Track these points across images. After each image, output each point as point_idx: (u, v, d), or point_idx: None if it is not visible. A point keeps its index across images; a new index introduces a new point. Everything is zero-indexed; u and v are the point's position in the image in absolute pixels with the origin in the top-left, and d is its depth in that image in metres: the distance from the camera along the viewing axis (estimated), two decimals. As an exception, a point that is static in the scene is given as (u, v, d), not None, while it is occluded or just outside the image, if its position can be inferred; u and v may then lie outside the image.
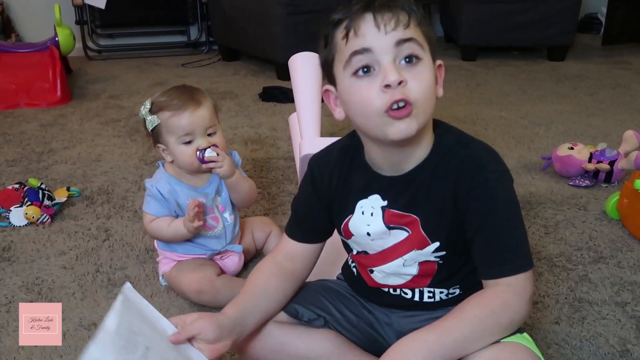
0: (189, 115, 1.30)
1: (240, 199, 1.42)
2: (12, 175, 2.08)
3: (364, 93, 0.85)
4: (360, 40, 0.84)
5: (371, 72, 0.84)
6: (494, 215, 0.88)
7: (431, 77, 0.86)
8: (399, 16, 0.83)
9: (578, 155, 1.98)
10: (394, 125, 0.84)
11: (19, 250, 1.60)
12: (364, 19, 0.84)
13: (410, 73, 0.83)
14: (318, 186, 1.01)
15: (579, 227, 1.69)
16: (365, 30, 0.83)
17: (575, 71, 3.55)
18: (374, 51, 0.83)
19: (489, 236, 0.88)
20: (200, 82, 3.35)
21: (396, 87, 0.82)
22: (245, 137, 2.42)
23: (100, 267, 1.52)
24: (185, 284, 1.34)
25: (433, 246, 0.94)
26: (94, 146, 2.38)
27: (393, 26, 0.83)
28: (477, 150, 0.92)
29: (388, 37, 0.83)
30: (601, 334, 1.24)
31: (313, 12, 3.29)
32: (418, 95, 0.84)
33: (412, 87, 0.83)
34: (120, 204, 1.86)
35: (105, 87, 3.29)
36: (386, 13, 0.83)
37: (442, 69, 0.92)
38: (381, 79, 0.83)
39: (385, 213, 0.95)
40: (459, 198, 0.89)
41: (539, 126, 2.54)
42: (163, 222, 1.35)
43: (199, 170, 1.36)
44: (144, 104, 1.35)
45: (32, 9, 3.91)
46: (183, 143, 1.32)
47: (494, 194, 0.88)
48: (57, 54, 3.07)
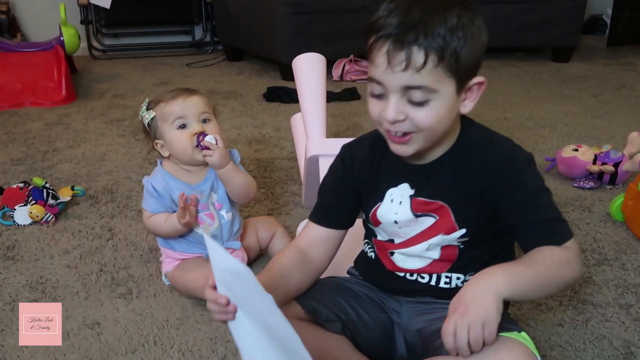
0: (181, 100, 1.35)
1: (236, 193, 1.41)
2: (16, 174, 2.08)
3: (373, 110, 0.91)
4: (374, 70, 0.87)
5: (382, 97, 0.89)
6: (534, 197, 0.92)
7: (442, 112, 0.87)
8: (413, 57, 0.82)
9: (582, 157, 1.97)
10: (392, 144, 0.92)
11: (23, 249, 1.61)
12: (380, 50, 0.85)
13: (415, 111, 0.87)
14: (349, 172, 1.04)
15: (583, 229, 1.69)
16: (378, 62, 0.85)
17: (580, 72, 3.55)
18: (384, 85, 0.87)
19: (534, 216, 0.92)
20: (204, 81, 3.35)
21: (393, 124, 0.88)
22: (249, 137, 2.42)
23: (104, 266, 1.52)
24: (191, 281, 1.34)
25: (460, 232, 0.97)
26: (98, 145, 2.38)
27: (403, 67, 0.83)
28: (503, 142, 0.97)
29: (397, 77, 0.84)
30: (605, 337, 1.24)
31: (318, 12, 3.29)
32: (421, 126, 0.88)
33: (416, 120, 0.87)
34: (124, 203, 1.87)
35: (110, 86, 3.30)
36: (399, 52, 0.83)
37: (483, 86, 0.92)
38: (384, 107, 0.88)
39: (413, 201, 0.98)
40: (490, 188, 0.93)
41: (543, 127, 2.54)
42: (160, 218, 1.36)
43: (192, 159, 1.36)
44: (142, 104, 1.39)
45: (38, 9, 3.92)
46: (176, 128, 1.34)
47: (527, 180, 0.93)
48: (62, 53, 3.08)
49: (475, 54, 0.87)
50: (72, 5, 3.73)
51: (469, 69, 0.87)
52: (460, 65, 0.85)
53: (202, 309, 1.34)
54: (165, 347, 1.22)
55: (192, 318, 1.31)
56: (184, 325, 1.29)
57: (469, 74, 0.88)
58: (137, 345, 1.23)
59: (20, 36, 3.78)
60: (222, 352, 1.21)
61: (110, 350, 1.22)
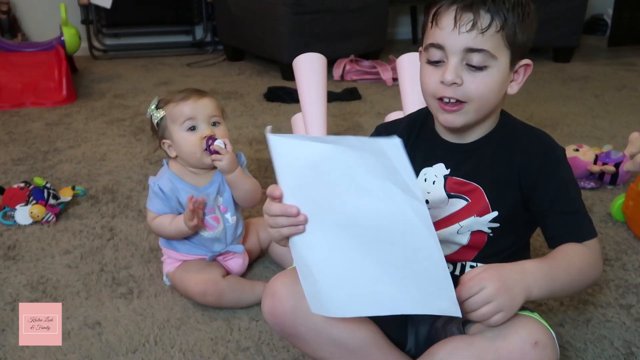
0: (192, 102, 1.35)
1: (243, 197, 1.42)
2: (17, 174, 2.08)
3: (427, 78, 0.93)
4: (438, 33, 0.90)
5: (440, 63, 0.91)
6: (567, 188, 0.95)
7: (496, 81, 0.91)
8: (479, 19, 0.87)
9: (583, 157, 1.97)
10: (443, 114, 0.94)
11: (24, 249, 1.61)
12: (447, 11, 0.89)
13: (471, 76, 0.90)
14: None
15: (584, 229, 1.69)
16: (444, 24, 0.89)
17: (581, 72, 3.54)
18: (445, 48, 0.89)
19: (566, 206, 0.94)
20: (205, 81, 3.35)
21: (450, 86, 0.90)
22: (249, 137, 2.42)
23: (104, 266, 1.52)
24: (191, 285, 1.34)
25: (492, 215, 0.97)
26: (99, 145, 2.38)
27: (469, 28, 0.87)
28: (542, 132, 1.01)
29: (461, 38, 0.88)
30: (606, 337, 1.24)
31: (318, 12, 3.29)
32: (473, 95, 0.90)
33: (469, 88, 0.90)
34: (125, 203, 1.87)
35: (111, 86, 3.30)
36: (467, 13, 0.87)
37: (529, 69, 0.97)
38: (442, 73, 0.90)
39: (447, 181, 0.99)
40: (529, 172, 0.95)
41: (544, 127, 2.50)
42: (165, 219, 1.36)
43: (200, 162, 1.36)
44: (151, 102, 1.39)
45: (38, 9, 3.92)
46: (186, 130, 1.34)
47: (564, 170, 0.96)
48: (62, 53, 3.08)
49: (529, 34, 0.92)
50: (72, 5, 3.73)
51: (521, 46, 0.92)
52: (517, 40, 0.90)
53: (202, 309, 1.34)
54: (166, 347, 1.22)
55: (193, 318, 1.32)
56: (184, 325, 1.29)
57: (521, 51, 0.92)
58: (138, 345, 1.23)
59: (21, 36, 3.78)
60: (223, 352, 1.21)
61: (111, 350, 1.22)
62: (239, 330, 1.27)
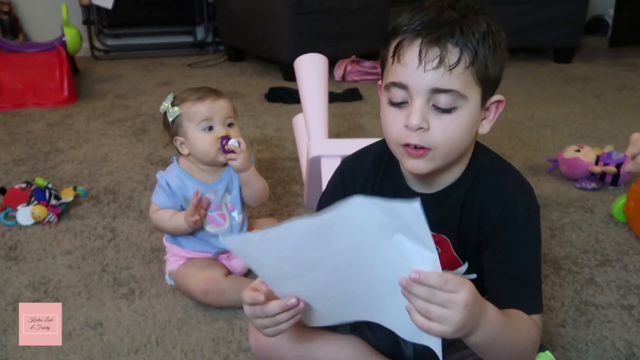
0: (209, 102, 1.36)
1: (253, 196, 1.43)
2: (19, 175, 2.08)
3: (390, 121, 0.84)
4: (400, 71, 0.81)
5: (403, 104, 0.83)
6: (519, 252, 0.87)
7: (466, 124, 0.82)
8: (447, 54, 0.78)
9: (585, 158, 1.97)
10: (408, 160, 0.85)
11: (25, 250, 1.61)
12: (411, 46, 0.79)
13: (439, 119, 0.81)
14: (349, 192, 0.96)
15: (585, 230, 1.69)
16: (408, 60, 0.80)
17: (582, 73, 3.54)
18: (409, 88, 0.80)
19: (513, 272, 0.87)
20: (206, 82, 3.35)
21: (415, 131, 0.81)
22: (250, 138, 2.42)
23: (106, 266, 1.53)
24: (192, 284, 1.35)
25: (463, 267, 0.94)
26: (100, 146, 2.38)
27: (435, 65, 0.78)
28: (511, 180, 0.90)
29: (426, 77, 0.79)
30: (607, 337, 1.24)
31: (319, 12, 3.29)
32: (440, 142, 0.82)
33: (436, 133, 0.81)
34: (126, 203, 1.87)
35: (112, 86, 3.30)
36: (433, 48, 0.78)
37: (502, 105, 0.88)
38: (405, 116, 0.81)
39: None
40: (485, 227, 0.89)
41: (545, 128, 2.54)
42: (166, 213, 1.37)
43: (213, 161, 1.37)
44: (166, 98, 1.39)
45: (40, 9, 3.92)
46: (202, 130, 1.35)
47: (521, 231, 0.87)
48: (64, 53, 3.08)
49: (500, 66, 0.84)
50: (74, 5, 3.73)
51: (493, 81, 0.84)
52: (488, 74, 0.82)
53: (204, 310, 1.34)
54: (167, 347, 1.22)
55: (194, 318, 1.32)
56: (186, 326, 1.29)
57: (492, 87, 0.84)
58: (140, 345, 1.23)
59: (22, 36, 3.78)
60: (225, 352, 1.21)
61: (113, 350, 1.22)
62: (240, 331, 1.27)
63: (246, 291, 0.81)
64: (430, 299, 0.70)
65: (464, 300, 0.70)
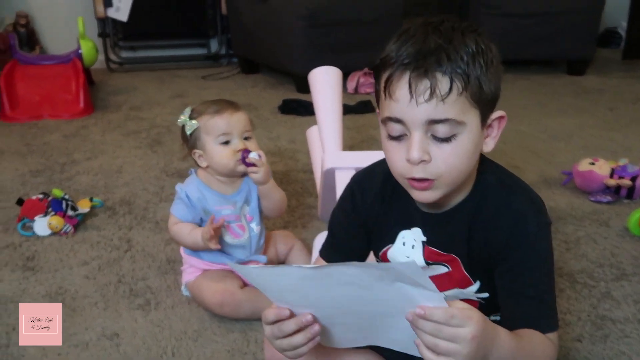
0: (227, 116, 1.37)
1: (272, 207, 1.44)
2: (36, 186, 2.11)
3: (392, 155, 0.84)
4: (394, 107, 0.80)
5: (403, 137, 0.82)
6: (533, 270, 0.86)
7: (468, 148, 0.81)
8: (437, 86, 0.76)
9: (599, 171, 1.97)
10: (414, 191, 0.85)
11: (42, 260, 1.62)
12: (400, 81, 0.78)
13: (439, 149, 0.80)
14: (359, 208, 0.98)
15: (600, 244, 1.68)
16: (399, 95, 0.78)
17: (595, 85, 3.53)
18: (405, 122, 0.80)
19: (526, 291, 0.86)
20: (220, 94, 3.38)
21: (417, 164, 0.81)
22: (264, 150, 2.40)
23: (122, 277, 1.54)
24: (208, 296, 1.35)
25: (475, 286, 0.93)
26: (116, 157, 2.41)
27: (427, 97, 0.77)
28: (519, 196, 0.89)
29: (420, 110, 0.77)
30: (624, 353, 1.23)
31: (332, 25, 3.31)
32: (443, 171, 0.81)
33: (438, 163, 0.81)
34: (142, 215, 1.88)
35: (127, 98, 3.34)
36: (422, 80, 0.76)
37: (503, 121, 0.87)
38: (406, 149, 0.81)
39: (425, 249, 0.93)
40: (494, 245, 0.88)
41: (558, 140, 2.53)
42: (185, 227, 1.38)
43: (231, 173, 1.38)
44: (183, 111, 1.40)
45: (56, 22, 3.98)
46: (220, 143, 1.36)
47: (534, 249, 0.86)
48: (80, 66, 3.12)
49: (496, 82, 0.82)
50: (90, 18, 3.78)
51: (491, 98, 0.82)
52: (484, 94, 0.80)
53: (219, 321, 1.35)
54: (183, 358, 1.23)
55: (210, 330, 1.32)
56: (201, 337, 1.30)
57: (490, 105, 0.83)
58: (156, 356, 1.24)
59: (39, 49, 3.83)
60: (240, 364, 1.21)
61: (129, 361, 1.23)
62: (255, 343, 1.27)
63: (269, 310, 0.81)
64: (437, 334, 0.70)
65: (471, 334, 0.70)
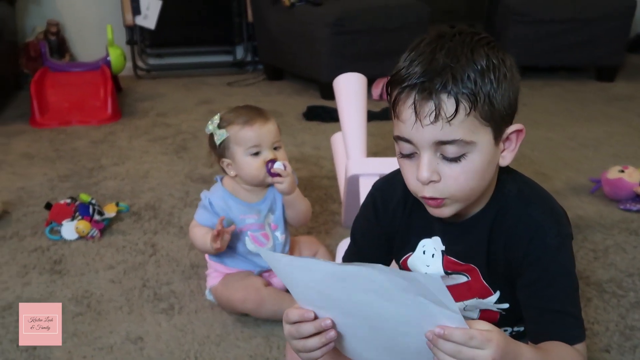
0: (258, 127, 1.36)
1: (296, 217, 1.44)
2: (64, 190, 2.14)
3: (405, 173, 0.84)
4: (401, 127, 0.80)
5: (414, 155, 0.82)
6: (555, 282, 0.85)
7: (479, 167, 0.80)
8: (442, 108, 0.75)
9: (629, 179, 1.93)
10: (429, 208, 0.85)
11: (69, 264, 1.65)
12: (406, 103, 0.78)
13: (449, 169, 0.79)
14: (381, 217, 0.98)
15: (629, 253, 1.65)
16: (405, 117, 0.79)
17: (625, 92, 3.47)
18: (413, 143, 0.80)
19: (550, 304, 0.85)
20: (245, 100, 3.36)
21: (427, 184, 0.80)
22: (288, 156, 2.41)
23: (147, 281, 1.55)
24: (231, 291, 1.36)
25: (494, 296, 0.92)
26: (142, 163, 2.43)
27: (432, 119, 0.76)
28: (538, 206, 0.87)
29: (427, 132, 0.77)
30: (654, 364, 1.20)
31: (358, 32, 3.31)
32: (454, 190, 0.81)
33: (448, 183, 0.80)
34: (167, 220, 1.90)
35: (154, 105, 3.37)
36: (427, 102, 0.76)
37: (522, 135, 0.84)
38: (417, 168, 0.81)
39: (444, 259, 0.93)
40: (514, 256, 0.87)
41: (587, 148, 2.49)
42: (200, 230, 1.38)
43: (261, 183, 1.39)
44: (212, 120, 1.39)
45: (86, 30, 4.04)
46: (250, 155, 1.36)
47: (553, 262, 0.85)
48: (108, 73, 3.17)
49: (511, 96, 0.79)
50: (118, 26, 3.84)
51: (505, 114, 0.80)
52: (496, 111, 0.78)
53: (242, 326, 1.35)
54: (205, 363, 1.23)
55: (232, 335, 1.33)
56: (224, 342, 1.30)
57: (505, 120, 0.80)
58: (179, 360, 1.24)
59: (69, 56, 3.90)
60: (262, 370, 1.21)
61: (152, 365, 1.23)
62: (277, 348, 1.27)
63: (292, 309, 0.81)
64: (456, 355, 0.70)
65: (491, 357, 0.69)
